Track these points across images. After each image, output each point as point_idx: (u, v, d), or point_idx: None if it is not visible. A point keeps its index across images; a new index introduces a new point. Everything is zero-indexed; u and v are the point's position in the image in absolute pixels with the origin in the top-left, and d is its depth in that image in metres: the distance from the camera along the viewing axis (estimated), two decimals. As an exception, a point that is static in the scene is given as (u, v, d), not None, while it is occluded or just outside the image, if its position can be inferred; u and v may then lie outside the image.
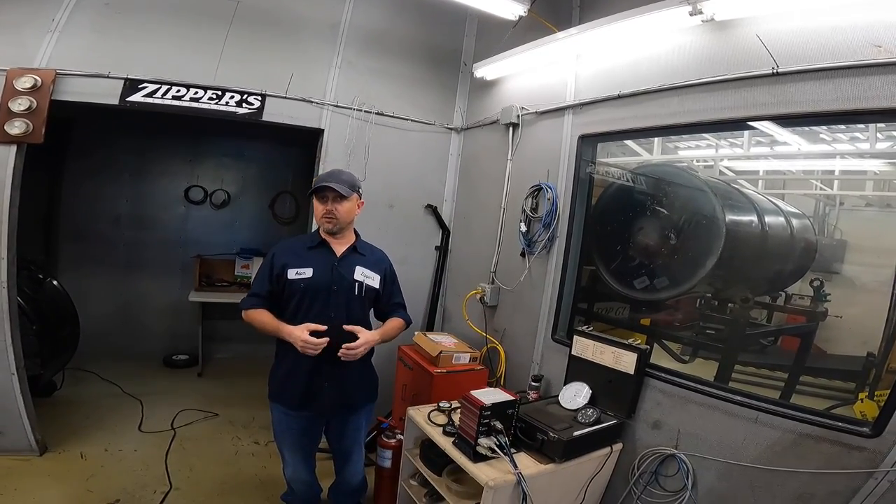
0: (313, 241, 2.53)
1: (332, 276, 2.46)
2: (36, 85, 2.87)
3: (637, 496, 2.48)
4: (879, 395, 1.92)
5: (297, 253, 2.49)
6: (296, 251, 2.50)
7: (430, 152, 4.17)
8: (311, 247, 2.51)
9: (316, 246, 2.51)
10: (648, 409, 2.50)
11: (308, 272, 2.42)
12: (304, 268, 2.43)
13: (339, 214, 2.44)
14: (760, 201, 3.13)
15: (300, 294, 2.41)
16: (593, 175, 3.05)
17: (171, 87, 3.25)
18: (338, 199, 2.43)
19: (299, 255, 2.47)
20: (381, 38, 3.86)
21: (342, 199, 2.44)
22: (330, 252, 2.51)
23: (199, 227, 5.59)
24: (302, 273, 2.42)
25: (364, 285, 2.54)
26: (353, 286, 2.50)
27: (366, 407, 2.69)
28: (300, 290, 2.40)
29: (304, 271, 2.42)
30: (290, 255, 2.47)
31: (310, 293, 2.41)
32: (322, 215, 2.44)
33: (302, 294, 2.41)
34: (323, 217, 2.45)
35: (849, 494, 1.83)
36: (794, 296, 3.21)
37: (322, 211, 2.44)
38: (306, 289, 2.41)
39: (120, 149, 5.13)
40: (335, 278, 2.47)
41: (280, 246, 2.56)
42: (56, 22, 2.98)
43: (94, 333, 4.60)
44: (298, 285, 2.41)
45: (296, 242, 2.62)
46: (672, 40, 2.52)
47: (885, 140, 2.81)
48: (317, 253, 2.50)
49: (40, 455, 3.25)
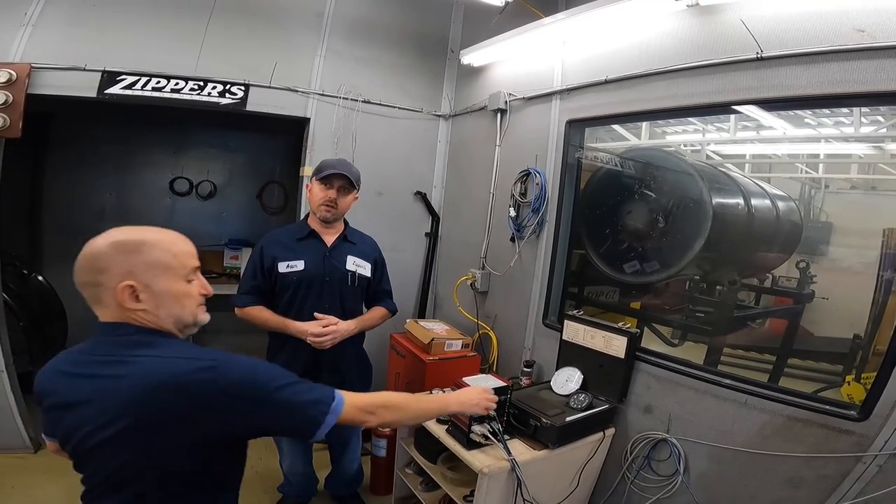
0: (302, 232, 2.48)
1: (325, 267, 2.43)
2: (11, 79, 2.80)
3: (630, 481, 2.52)
4: (866, 378, 1.95)
5: (286, 245, 2.43)
6: (284, 243, 2.44)
7: (419, 139, 4.14)
8: (300, 238, 2.46)
9: (305, 237, 2.46)
10: (640, 394, 2.53)
11: (299, 264, 2.38)
12: (294, 260, 2.38)
13: (340, 205, 2.41)
14: (747, 184, 3.15)
15: (293, 287, 2.37)
16: (581, 160, 3.05)
17: (151, 79, 3.18)
18: (343, 190, 2.40)
19: (289, 248, 2.42)
20: (366, 25, 3.80)
21: (347, 190, 2.41)
22: (320, 242, 2.47)
23: (185, 219, 5.51)
24: (293, 266, 2.38)
25: (357, 275, 2.52)
26: (345, 276, 2.48)
27: None
28: (293, 284, 2.37)
29: (295, 264, 2.38)
30: (279, 247, 2.42)
31: (303, 286, 2.38)
32: (323, 202, 2.38)
33: (295, 287, 2.37)
34: (323, 204, 2.39)
35: (838, 478, 1.85)
36: (780, 278, 3.25)
37: (324, 197, 2.38)
38: (299, 282, 2.37)
39: (102, 141, 5.02)
40: (327, 269, 2.43)
41: (267, 239, 2.49)
42: (29, 16, 2.90)
43: (82, 328, 4.47)
44: (291, 279, 2.37)
45: (283, 234, 2.54)
46: (658, 25, 2.50)
47: (869, 124, 2.83)
48: (307, 244, 2.45)
49: (35, 452, 3.24)
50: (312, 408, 1.31)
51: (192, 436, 1.18)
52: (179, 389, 1.15)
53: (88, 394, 1.19)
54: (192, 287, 1.34)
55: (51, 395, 1.26)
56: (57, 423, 1.25)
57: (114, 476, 1.19)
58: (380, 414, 1.52)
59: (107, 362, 1.21)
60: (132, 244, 1.24)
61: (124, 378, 1.16)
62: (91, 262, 1.22)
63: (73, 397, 1.20)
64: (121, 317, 1.24)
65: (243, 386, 1.21)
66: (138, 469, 1.18)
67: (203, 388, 1.16)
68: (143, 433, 1.15)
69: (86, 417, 1.17)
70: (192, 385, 1.15)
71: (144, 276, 1.23)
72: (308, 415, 1.30)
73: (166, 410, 1.15)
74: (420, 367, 3.11)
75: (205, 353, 1.23)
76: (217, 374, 1.18)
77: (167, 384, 1.15)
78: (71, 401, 1.21)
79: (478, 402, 1.92)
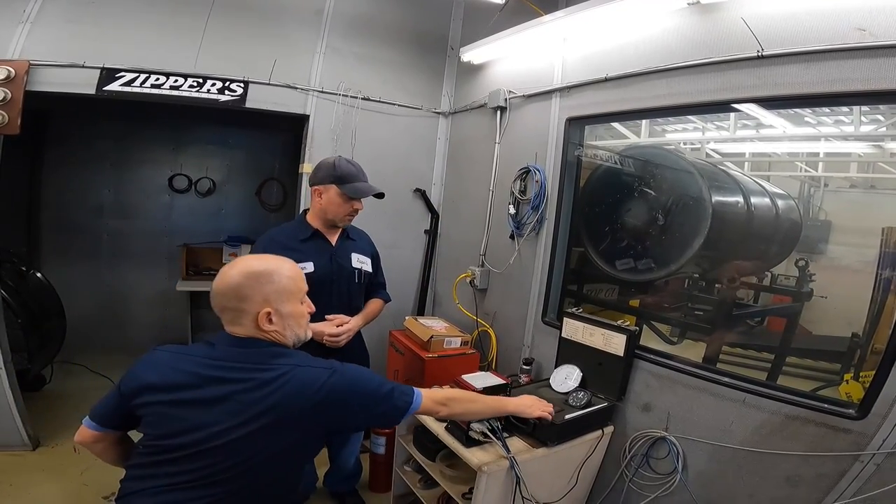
0: (305, 232, 2.45)
1: (332, 267, 2.43)
2: (9, 76, 2.79)
3: (629, 479, 2.52)
4: (864, 376, 1.95)
5: (290, 247, 2.36)
6: (288, 245, 2.37)
7: (418, 137, 4.14)
8: (303, 238, 2.43)
9: (310, 237, 2.45)
10: (638, 392, 2.53)
11: (309, 266, 2.33)
12: (303, 262, 2.29)
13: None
14: (746, 182, 3.15)
15: None
16: (581, 157, 3.05)
17: (150, 76, 3.17)
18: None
19: (294, 249, 2.34)
20: (366, 22, 3.79)
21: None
22: (326, 242, 2.47)
23: (184, 216, 5.51)
24: (302, 268, 2.34)
25: (362, 272, 2.55)
26: (352, 274, 2.50)
27: None
28: None
29: (304, 266, 2.29)
30: (284, 249, 2.32)
31: (314, 288, 2.35)
32: (349, 213, 2.45)
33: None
34: (349, 215, 2.46)
35: (836, 477, 1.85)
36: (779, 276, 3.25)
37: (350, 209, 2.44)
38: (310, 284, 2.36)
39: (100, 138, 5.01)
40: (335, 269, 2.44)
41: (267, 240, 2.43)
42: (27, 12, 2.89)
43: (81, 325, 4.56)
44: None
45: (284, 234, 2.48)
46: (658, 23, 2.50)
47: (869, 123, 2.83)
48: (312, 245, 2.43)
49: (33, 450, 3.24)
50: (399, 398, 1.57)
51: (313, 431, 1.46)
52: (316, 392, 1.39)
53: (226, 394, 1.38)
54: (304, 308, 1.62)
55: (174, 389, 1.40)
56: (172, 418, 1.38)
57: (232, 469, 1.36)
58: (451, 406, 1.78)
59: (246, 368, 1.41)
60: (266, 275, 1.50)
61: (267, 384, 1.38)
62: (234, 291, 1.46)
63: (208, 395, 1.38)
64: (255, 334, 1.48)
65: (360, 387, 1.49)
66: (255, 463, 1.38)
67: (333, 390, 1.41)
68: (276, 432, 1.37)
69: (223, 414, 1.35)
70: (325, 388, 1.40)
71: (276, 302, 1.49)
72: (396, 404, 1.56)
73: (303, 410, 1.38)
74: (419, 364, 3.11)
75: (322, 362, 1.50)
76: (340, 377, 1.45)
77: (307, 388, 1.39)
78: (206, 398, 1.38)
79: (532, 404, 2.13)
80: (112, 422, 1.51)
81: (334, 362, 1.50)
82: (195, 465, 1.35)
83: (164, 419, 1.40)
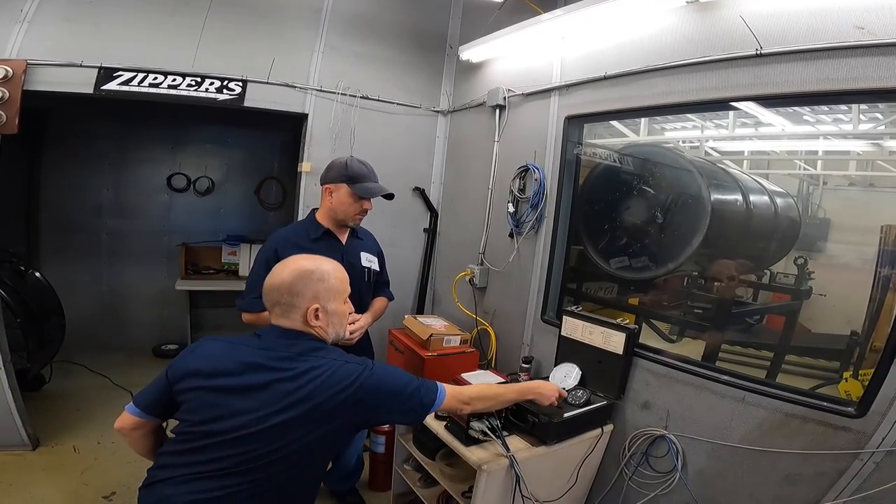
0: (316, 231, 2.46)
1: (343, 265, 2.40)
2: (7, 76, 2.79)
3: (628, 477, 2.52)
4: (864, 375, 1.95)
5: (301, 246, 2.34)
6: (299, 244, 2.37)
7: (417, 135, 4.14)
8: (315, 238, 2.44)
9: (321, 236, 2.46)
10: (638, 390, 2.53)
11: None
12: None
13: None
14: (745, 180, 3.15)
15: None
16: (580, 156, 3.05)
17: (148, 75, 3.17)
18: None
19: (306, 249, 2.27)
20: (365, 21, 3.79)
21: None
22: (336, 241, 2.49)
23: (183, 215, 5.51)
24: None
25: (371, 270, 2.58)
26: (362, 273, 2.52)
27: None
28: None
29: None
30: (296, 249, 2.31)
31: None
32: (358, 213, 2.47)
33: None
34: (359, 215, 2.48)
35: (835, 475, 1.86)
36: (778, 274, 3.25)
37: (360, 209, 2.46)
38: None
39: (99, 137, 5.01)
40: (346, 268, 2.40)
41: (279, 239, 2.42)
42: (25, 12, 2.89)
43: (80, 325, 4.56)
44: None
45: (295, 233, 2.49)
46: (657, 22, 2.50)
47: (868, 121, 2.83)
48: (323, 244, 2.43)
49: (33, 449, 3.24)
50: (426, 396, 1.61)
51: (344, 425, 1.50)
52: (349, 386, 1.44)
53: (267, 382, 1.44)
54: (346, 308, 1.70)
55: (217, 376, 1.48)
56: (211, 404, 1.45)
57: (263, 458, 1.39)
58: (473, 404, 1.83)
59: (287, 358, 1.48)
60: (318, 274, 1.59)
61: (303, 375, 1.44)
62: (288, 288, 1.55)
63: (251, 382, 1.44)
64: (301, 328, 1.57)
65: (389, 384, 1.54)
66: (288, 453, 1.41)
67: (364, 386, 1.46)
68: (308, 422, 1.41)
69: (260, 402, 1.41)
70: (357, 383, 1.45)
71: (324, 299, 1.58)
72: (423, 401, 1.60)
73: (336, 404, 1.43)
74: (418, 362, 3.11)
75: (356, 359, 1.55)
76: (372, 374, 1.50)
77: (341, 382, 1.44)
78: (250, 385, 1.44)
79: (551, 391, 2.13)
80: (155, 409, 1.56)
81: (368, 360, 1.57)
82: (228, 452, 1.39)
83: (204, 405, 1.46)
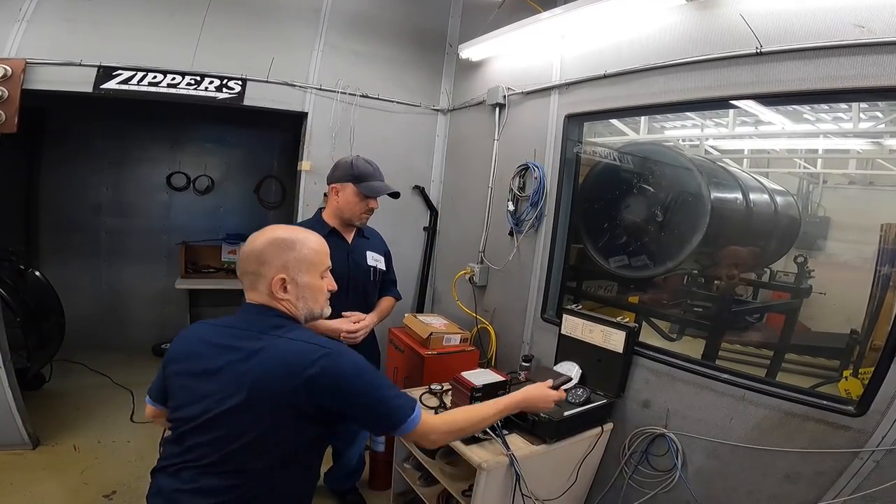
0: (323, 231, 2.43)
1: (349, 264, 2.46)
2: (6, 75, 2.79)
3: (628, 476, 2.53)
4: (864, 373, 1.95)
5: None
6: None
7: (417, 134, 4.14)
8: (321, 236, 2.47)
9: (327, 235, 2.47)
10: (638, 388, 2.54)
11: None
12: None
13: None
14: (745, 179, 3.15)
15: None
16: (580, 154, 3.05)
17: (147, 74, 3.17)
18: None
19: None
20: (364, 19, 3.79)
21: None
22: (342, 240, 2.50)
23: (182, 214, 5.51)
24: None
25: (377, 270, 2.58)
26: (368, 272, 2.54)
27: None
28: None
29: None
30: None
31: None
32: (365, 212, 2.47)
33: None
34: (365, 213, 2.47)
35: (835, 475, 1.86)
36: (778, 272, 3.25)
37: (366, 208, 2.45)
38: None
39: (98, 136, 5.00)
40: (352, 267, 2.47)
41: None
42: (23, 11, 2.89)
43: (80, 324, 4.56)
44: None
45: None
46: (657, 20, 2.50)
47: (868, 120, 2.83)
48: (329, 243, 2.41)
49: (33, 448, 3.24)
50: (395, 414, 1.42)
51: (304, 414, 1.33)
52: (303, 370, 1.30)
53: (223, 364, 1.35)
54: (324, 283, 1.56)
55: (190, 359, 1.42)
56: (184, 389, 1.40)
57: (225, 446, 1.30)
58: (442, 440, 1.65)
59: (246, 337, 1.39)
60: (289, 242, 1.47)
61: (254, 355, 1.33)
62: (256, 256, 1.44)
63: (212, 365, 1.37)
64: (268, 302, 1.45)
65: (353, 378, 1.36)
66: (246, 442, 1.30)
67: (323, 372, 1.30)
68: (255, 408, 1.30)
69: (217, 386, 1.33)
70: (312, 368, 1.30)
71: (293, 270, 1.45)
72: (389, 420, 1.43)
73: (284, 388, 1.30)
74: (418, 361, 3.11)
75: (322, 341, 1.39)
76: (330, 360, 1.33)
77: (293, 364, 1.31)
78: (210, 368, 1.36)
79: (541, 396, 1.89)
80: (160, 396, 1.53)
81: (338, 345, 1.41)
82: (198, 440, 1.33)
83: (178, 390, 1.43)
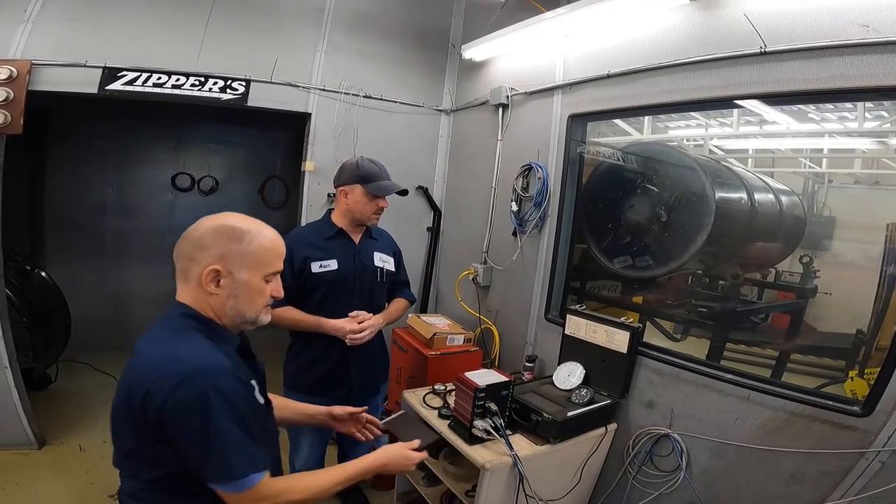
0: (330, 231, 2.47)
1: (355, 265, 2.46)
2: (12, 76, 2.80)
3: (632, 476, 2.52)
4: (869, 373, 1.94)
5: (315, 245, 2.42)
6: (314, 243, 2.42)
7: (420, 134, 4.14)
8: (328, 237, 2.45)
9: (334, 235, 2.47)
10: (642, 389, 2.53)
11: (332, 264, 2.39)
12: (327, 260, 2.39)
13: None
14: (750, 179, 3.14)
15: (326, 287, 2.38)
16: (583, 154, 3.04)
17: (152, 75, 3.18)
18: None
19: (319, 247, 2.41)
20: (367, 20, 3.80)
21: None
22: (349, 240, 2.49)
23: (187, 214, 5.49)
24: (326, 266, 2.38)
25: (384, 270, 2.57)
26: (375, 273, 2.52)
27: (382, 387, 2.76)
28: (326, 284, 2.38)
29: (328, 263, 2.38)
30: (310, 247, 2.40)
31: (337, 285, 2.40)
32: (375, 212, 2.45)
33: (329, 287, 2.38)
34: (375, 213, 2.46)
35: (840, 475, 1.85)
36: (784, 272, 3.24)
37: (376, 207, 2.44)
38: (333, 281, 2.39)
39: (103, 137, 5.02)
40: (358, 267, 2.46)
41: (294, 238, 2.41)
42: (29, 12, 2.90)
43: (85, 324, 4.57)
44: (324, 279, 2.38)
45: (309, 233, 2.53)
46: (660, 20, 2.49)
47: (873, 119, 2.82)
48: (336, 243, 2.45)
49: (39, 448, 3.26)
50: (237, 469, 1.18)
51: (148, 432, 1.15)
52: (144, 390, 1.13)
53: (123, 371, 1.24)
54: (267, 287, 1.35)
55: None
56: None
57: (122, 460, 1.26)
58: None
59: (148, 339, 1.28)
60: (237, 232, 1.28)
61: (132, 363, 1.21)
62: (195, 240, 1.27)
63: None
64: (193, 298, 1.28)
65: (189, 408, 1.13)
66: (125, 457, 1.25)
67: (157, 395, 1.12)
68: (121, 423, 1.22)
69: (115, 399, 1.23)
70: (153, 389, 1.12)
71: (233, 263, 1.26)
72: (217, 470, 1.17)
73: (126, 408, 1.17)
74: (422, 361, 3.12)
75: (196, 361, 1.17)
76: (176, 386, 1.12)
77: (140, 381, 1.15)
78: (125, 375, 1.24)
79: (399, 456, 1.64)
80: None
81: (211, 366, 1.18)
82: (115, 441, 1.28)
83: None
